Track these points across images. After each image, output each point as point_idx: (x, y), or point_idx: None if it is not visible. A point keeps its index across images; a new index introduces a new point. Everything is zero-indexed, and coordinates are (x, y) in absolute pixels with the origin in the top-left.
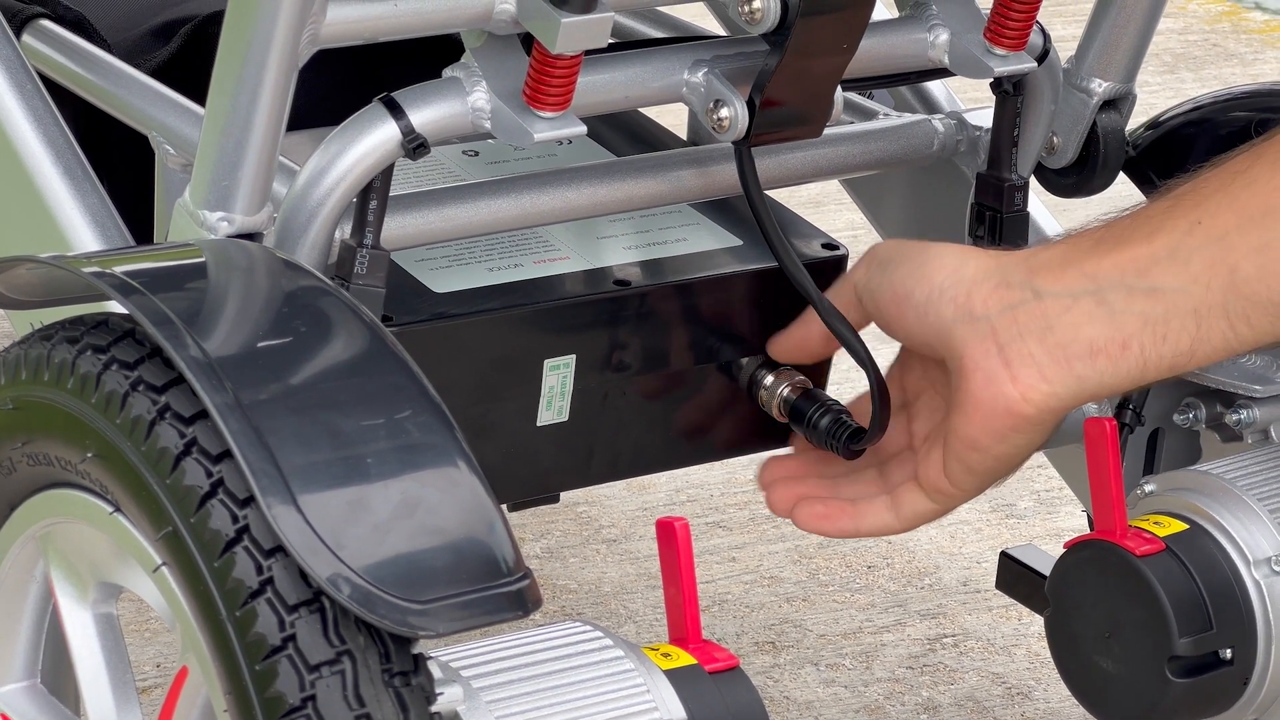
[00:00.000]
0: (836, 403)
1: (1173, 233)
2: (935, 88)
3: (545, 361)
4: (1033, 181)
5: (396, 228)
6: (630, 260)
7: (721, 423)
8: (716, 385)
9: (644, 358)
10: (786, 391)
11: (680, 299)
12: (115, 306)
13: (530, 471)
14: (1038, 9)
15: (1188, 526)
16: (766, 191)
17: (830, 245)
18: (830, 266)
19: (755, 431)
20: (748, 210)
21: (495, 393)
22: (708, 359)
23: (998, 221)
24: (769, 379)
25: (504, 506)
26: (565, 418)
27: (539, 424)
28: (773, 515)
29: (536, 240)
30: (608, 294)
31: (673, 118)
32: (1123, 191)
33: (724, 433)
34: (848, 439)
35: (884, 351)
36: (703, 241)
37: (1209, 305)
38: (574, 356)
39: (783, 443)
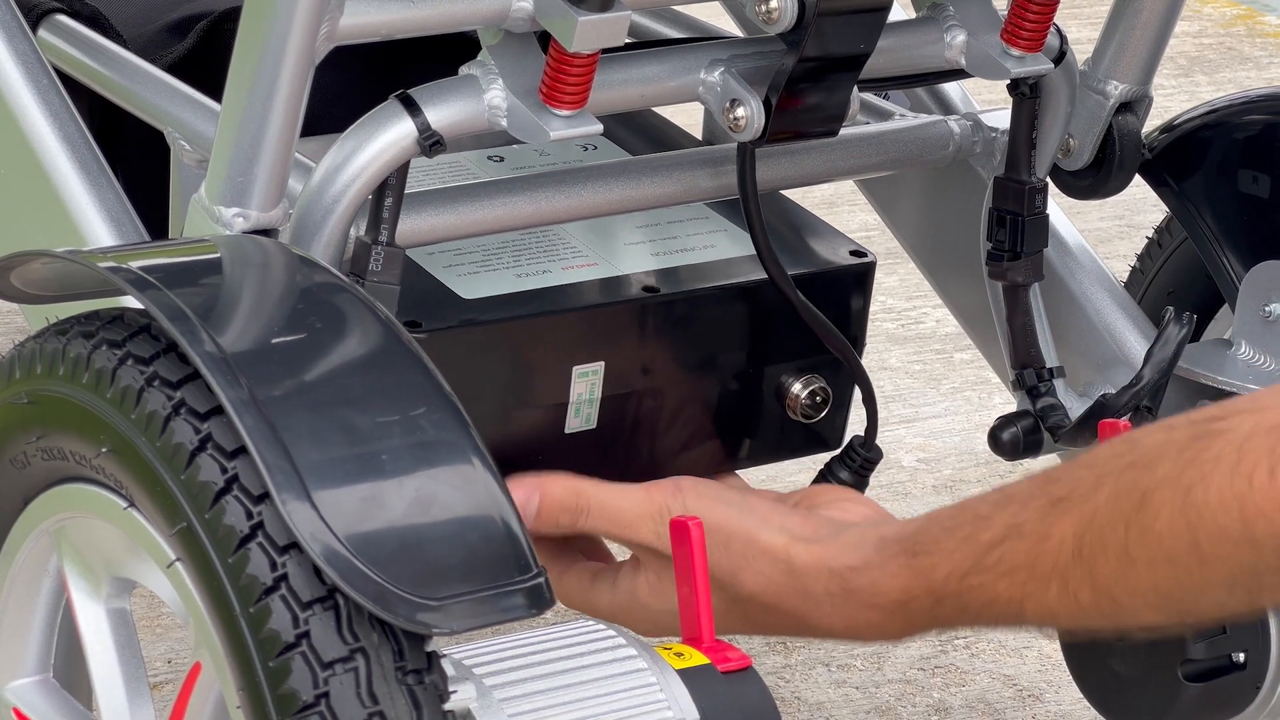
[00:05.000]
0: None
1: None
2: (951, 89)
3: (574, 368)
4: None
5: (412, 225)
6: (658, 266)
7: (749, 430)
8: (744, 392)
9: (672, 365)
10: (812, 399)
11: (708, 306)
12: (130, 302)
13: None
14: (1054, 10)
15: None
16: (783, 191)
17: (858, 252)
18: (858, 273)
19: (783, 439)
20: (775, 216)
21: (524, 400)
22: (735, 366)
23: (1019, 225)
24: (796, 386)
25: None
26: (594, 425)
27: (567, 431)
28: None
29: (564, 246)
30: (636, 300)
31: (687, 117)
32: (1137, 194)
33: (752, 440)
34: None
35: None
36: (730, 247)
37: None
38: (602, 363)
39: (809, 450)
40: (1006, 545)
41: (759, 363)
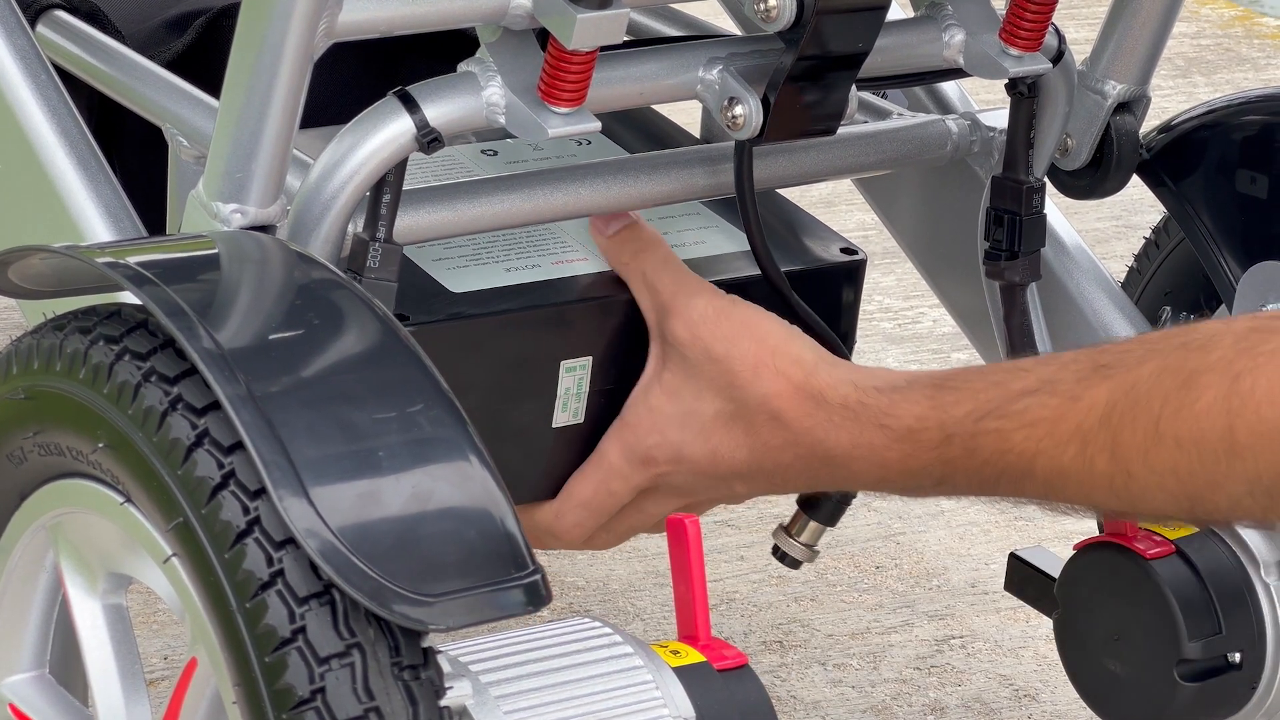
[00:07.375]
0: None
1: None
2: (949, 88)
3: (562, 363)
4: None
5: (409, 222)
6: None
7: None
8: None
9: None
10: None
11: None
12: (128, 297)
13: (545, 473)
14: (1053, 10)
15: (1198, 529)
16: (779, 190)
17: (849, 250)
18: (849, 271)
19: None
20: (767, 213)
21: (511, 393)
22: None
23: (1016, 225)
24: None
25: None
26: (581, 419)
27: (554, 425)
28: (781, 515)
29: (554, 241)
30: (625, 296)
31: (686, 116)
32: (1135, 194)
33: None
34: None
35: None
36: (721, 244)
37: None
38: (590, 358)
39: None
40: (1035, 398)
41: None
